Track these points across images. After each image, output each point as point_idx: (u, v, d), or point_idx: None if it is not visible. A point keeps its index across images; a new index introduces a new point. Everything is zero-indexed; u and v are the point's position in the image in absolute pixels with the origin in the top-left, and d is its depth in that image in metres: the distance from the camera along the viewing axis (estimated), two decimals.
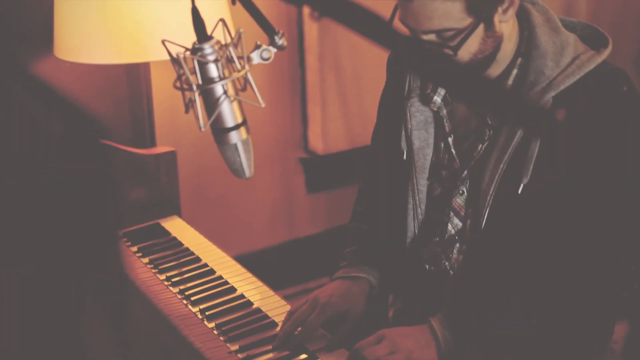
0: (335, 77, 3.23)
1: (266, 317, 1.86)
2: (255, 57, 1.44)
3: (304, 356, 1.73)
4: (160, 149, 2.45)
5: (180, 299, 1.94)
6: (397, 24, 1.72)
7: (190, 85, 1.40)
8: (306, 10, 3.07)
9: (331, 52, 3.21)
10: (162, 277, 2.04)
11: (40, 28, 2.47)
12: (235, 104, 1.42)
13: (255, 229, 3.37)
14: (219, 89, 1.40)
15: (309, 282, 3.52)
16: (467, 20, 1.63)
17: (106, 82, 2.66)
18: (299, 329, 1.78)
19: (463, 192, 1.81)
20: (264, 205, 3.36)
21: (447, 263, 1.84)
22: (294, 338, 1.77)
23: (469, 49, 1.67)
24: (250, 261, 3.29)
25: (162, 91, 2.79)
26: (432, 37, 1.66)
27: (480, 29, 1.65)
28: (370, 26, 1.10)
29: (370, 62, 3.27)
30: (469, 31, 1.64)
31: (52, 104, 0.67)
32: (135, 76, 2.66)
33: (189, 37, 1.41)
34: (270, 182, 3.34)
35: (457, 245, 1.83)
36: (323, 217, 3.50)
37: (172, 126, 2.88)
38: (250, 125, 1.41)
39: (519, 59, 1.75)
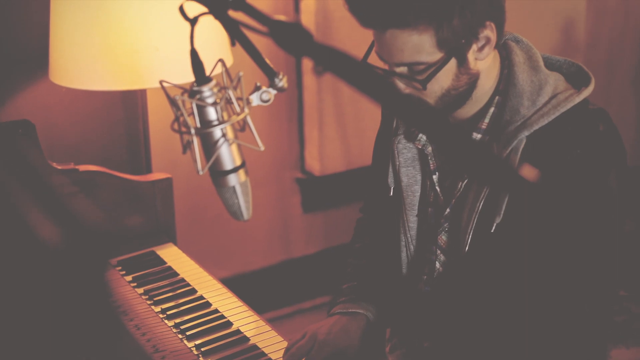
0: (333, 98, 3.21)
1: (262, 354, 1.83)
2: (255, 99, 1.42)
3: None
4: (156, 175, 2.43)
5: (175, 333, 1.92)
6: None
7: (188, 127, 1.37)
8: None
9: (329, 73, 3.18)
10: (158, 309, 2.02)
11: (35, 52, 2.45)
12: (234, 147, 1.40)
13: (251, 249, 3.35)
14: (217, 132, 1.38)
15: (305, 302, 3.50)
16: (438, 55, 1.62)
17: (102, 106, 2.64)
18: None
19: (448, 229, 1.81)
20: (260, 225, 3.34)
21: (438, 301, 1.84)
22: None
23: (441, 84, 1.66)
24: (245, 281, 3.28)
25: (158, 112, 2.77)
26: (403, 69, 1.66)
27: (452, 65, 1.64)
28: (371, 83, 1.08)
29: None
30: (438, 66, 1.63)
31: (49, 210, 0.66)
32: (131, 99, 2.63)
33: (186, 66, 1.39)
34: (267, 202, 3.33)
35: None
36: (319, 238, 3.49)
37: (168, 147, 2.85)
38: (247, 145, 1.39)
39: (497, 97, 1.73)
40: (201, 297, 2.07)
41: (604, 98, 3.84)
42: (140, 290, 2.11)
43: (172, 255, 2.30)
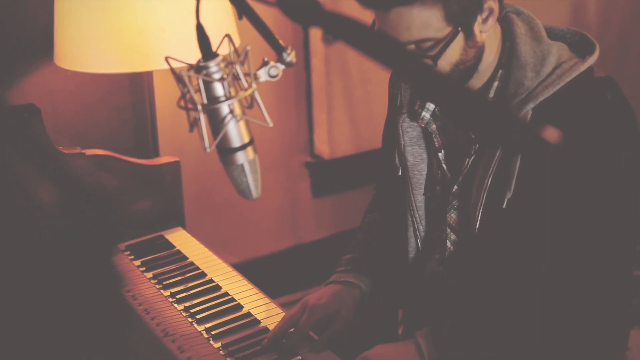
0: (342, 80, 3.18)
1: None
2: (263, 75, 1.39)
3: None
4: (163, 159, 2.40)
5: (185, 316, 1.89)
6: None
7: (194, 104, 1.35)
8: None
9: (337, 55, 3.15)
10: (167, 293, 1.99)
11: (40, 36, 2.42)
12: (241, 123, 1.37)
13: (260, 234, 3.32)
14: (224, 108, 1.35)
15: (315, 287, 3.46)
16: (446, 30, 1.59)
17: (109, 90, 2.61)
18: (291, 331, 1.78)
19: (457, 207, 1.78)
20: (269, 210, 3.31)
21: (451, 281, 1.81)
22: (285, 341, 1.76)
23: (450, 59, 1.63)
24: (255, 267, 3.25)
25: (165, 97, 2.74)
26: (411, 47, 1.62)
27: (460, 39, 1.61)
28: (381, 49, 1.05)
29: (376, 65, 3.21)
30: (448, 40, 1.59)
31: (45, 169, 0.63)
32: (138, 83, 2.61)
33: (193, 47, 1.36)
34: (276, 187, 3.30)
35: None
36: (329, 222, 3.46)
37: (175, 132, 2.83)
38: (255, 129, 1.36)
39: (500, 71, 1.70)
40: (211, 281, 2.04)
41: (616, 80, 3.79)
42: (149, 275, 2.08)
43: (181, 239, 2.28)
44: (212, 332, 1.82)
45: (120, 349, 0.85)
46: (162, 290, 2.00)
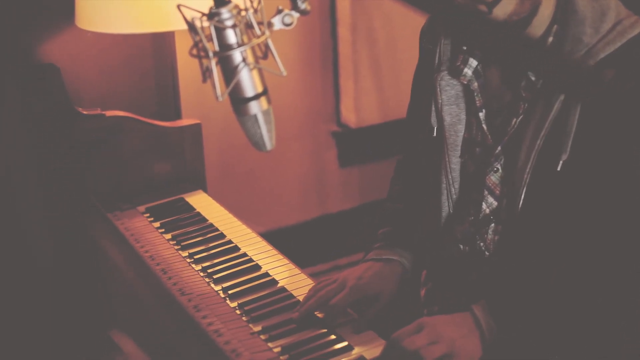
0: (368, 48, 3.14)
1: (291, 296, 1.78)
2: (277, 23, 1.35)
3: (332, 337, 1.65)
4: (184, 121, 2.38)
5: (202, 277, 1.87)
6: None
7: (206, 52, 1.32)
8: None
9: (364, 23, 3.11)
10: (185, 254, 1.97)
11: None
12: (255, 73, 1.34)
13: (286, 204, 3.30)
14: (237, 56, 1.32)
15: (341, 258, 3.44)
16: None
17: (132, 54, 2.59)
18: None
19: (497, 169, 1.72)
20: (295, 179, 3.29)
21: (481, 244, 1.76)
22: (317, 318, 1.71)
23: (505, 9, 1.55)
24: (280, 237, 3.23)
25: (189, 63, 2.71)
26: None
27: None
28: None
29: (404, 33, 3.17)
30: None
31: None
32: (161, 47, 2.58)
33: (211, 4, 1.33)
34: (302, 156, 3.27)
35: (492, 225, 1.74)
36: (356, 192, 3.43)
37: (199, 99, 2.81)
38: (281, 97, 1.34)
39: (555, 27, 1.64)
40: (229, 242, 2.02)
41: None
42: (168, 236, 2.06)
43: (201, 201, 2.26)
44: (229, 292, 1.80)
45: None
46: (180, 251, 1.98)
